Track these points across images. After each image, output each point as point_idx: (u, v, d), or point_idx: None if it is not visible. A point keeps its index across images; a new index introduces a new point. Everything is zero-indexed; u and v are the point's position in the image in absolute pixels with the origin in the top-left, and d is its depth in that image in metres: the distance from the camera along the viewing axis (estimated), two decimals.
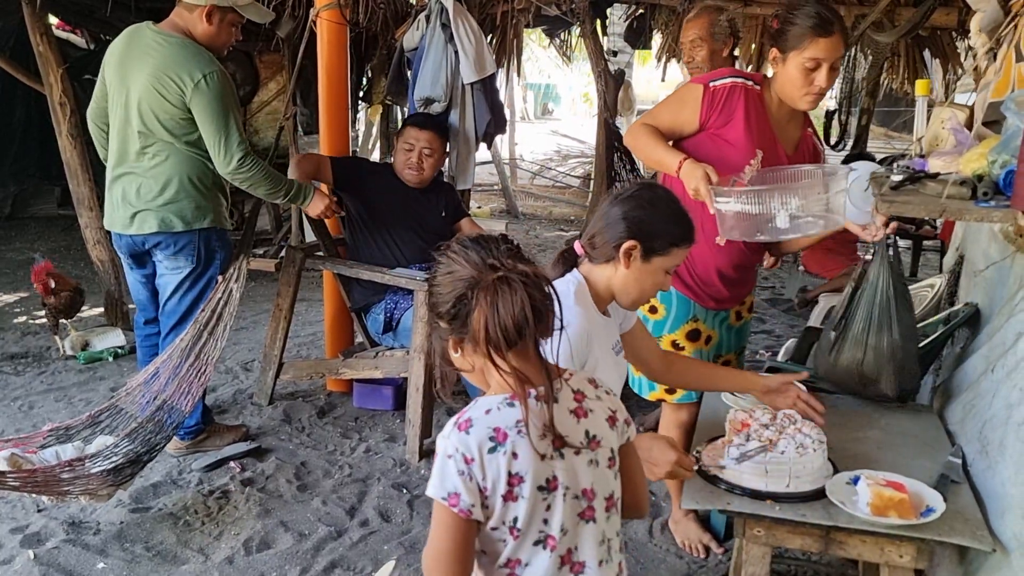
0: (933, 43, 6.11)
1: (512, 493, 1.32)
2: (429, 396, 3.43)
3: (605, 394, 1.46)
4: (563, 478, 1.35)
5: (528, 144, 16.29)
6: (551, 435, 1.33)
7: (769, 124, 2.41)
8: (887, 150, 11.89)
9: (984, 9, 2.30)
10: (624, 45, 8.77)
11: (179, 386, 2.83)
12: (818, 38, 2.24)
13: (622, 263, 1.82)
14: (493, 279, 1.31)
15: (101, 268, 5.04)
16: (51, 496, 2.55)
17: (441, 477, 1.32)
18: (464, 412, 1.36)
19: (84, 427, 2.84)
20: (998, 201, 1.64)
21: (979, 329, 2.40)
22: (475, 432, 1.32)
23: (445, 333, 1.40)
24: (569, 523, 1.36)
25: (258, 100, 7.90)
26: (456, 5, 3.83)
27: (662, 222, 1.83)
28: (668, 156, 2.29)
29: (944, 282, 3.28)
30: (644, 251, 1.81)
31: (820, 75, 2.27)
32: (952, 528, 1.66)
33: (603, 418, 1.42)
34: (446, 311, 1.36)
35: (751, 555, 1.82)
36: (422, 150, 3.69)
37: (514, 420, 1.32)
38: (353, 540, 2.84)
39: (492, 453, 1.31)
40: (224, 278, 3.07)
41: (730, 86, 2.37)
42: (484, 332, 1.31)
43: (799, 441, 1.85)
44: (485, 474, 1.30)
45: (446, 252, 1.41)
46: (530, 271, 1.34)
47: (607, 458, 1.41)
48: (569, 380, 1.42)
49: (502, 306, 1.30)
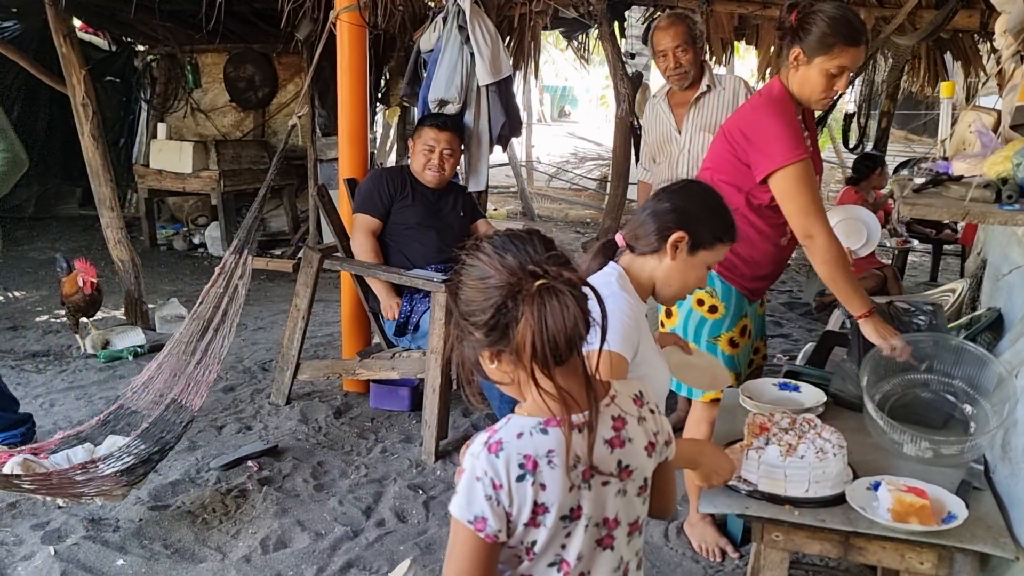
0: (955, 46, 6.05)
1: (535, 520, 1.27)
2: (445, 397, 3.43)
3: (650, 413, 1.38)
4: (587, 508, 1.30)
5: (545, 146, 16.29)
6: (584, 465, 1.27)
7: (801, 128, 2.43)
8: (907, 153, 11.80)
9: (1010, 11, 2.27)
10: (642, 47, 8.75)
11: (187, 384, 2.85)
12: (848, 47, 2.26)
13: (668, 254, 1.83)
14: (537, 288, 1.21)
15: (122, 268, 5.09)
16: (66, 498, 2.58)
17: (468, 499, 1.26)
18: (496, 431, 1.28)
19: (94, 430, 2.87)
20: (1023, 204, 1.62)
21: (1002, 334, 2.38)
22: (504, 456, 1.25)
23: (480, 344, 1.28)
24: (586, 550, 1.32)
25: (276, 102, 7.96)
26: (473, 7, 3.83)
27: (709, 216, 1.85)
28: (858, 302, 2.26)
29: (966, 286, 3.25)
30: (691, 243, 1.82)
31: (842, 81, 2.30)
32: (974, 535, 1.64)
33: (641, 446, 1.35)
34: (483, 321, 1.25)
35: (769, 560, 1.81)
36: (443, 151, 3.70)
37: (546, 449, 1.25)
38: (369, 540, 2.84)
39: (520, 481, 1.25)
40: (224, 271, 3.08)
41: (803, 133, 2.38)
42: (531, 348, 1.20)
43: (819, 446, 1.83)
44: (512, 500, 1.25)
45: (474, 254, 1.29)
46: (576, 278, 1.24)
47: (638, 486, 1.36)
48: (612, 403, 1.34)
49: (551, 319, 1.19)
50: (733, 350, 2.65)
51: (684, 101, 3.60)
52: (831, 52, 2.27)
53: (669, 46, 3.50)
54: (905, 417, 1.98)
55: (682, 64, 3.51)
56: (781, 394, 2.32)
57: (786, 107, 2.38)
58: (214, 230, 7.49)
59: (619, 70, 5.59)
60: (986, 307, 2.66)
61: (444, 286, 3.31)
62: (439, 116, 3.85)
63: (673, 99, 3.65)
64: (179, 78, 8.16)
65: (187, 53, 7.97)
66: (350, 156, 4.00)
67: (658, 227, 1.83)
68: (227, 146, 7.47)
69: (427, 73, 4.02)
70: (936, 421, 2.04)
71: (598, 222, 8.92)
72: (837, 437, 1.86)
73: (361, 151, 4.01)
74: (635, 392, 1.39)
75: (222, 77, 7.94)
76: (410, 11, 5.04)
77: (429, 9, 4.83)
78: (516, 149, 10.82)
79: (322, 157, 6.94)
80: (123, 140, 8.52)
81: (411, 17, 5.11)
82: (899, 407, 2.04)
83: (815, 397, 2.27)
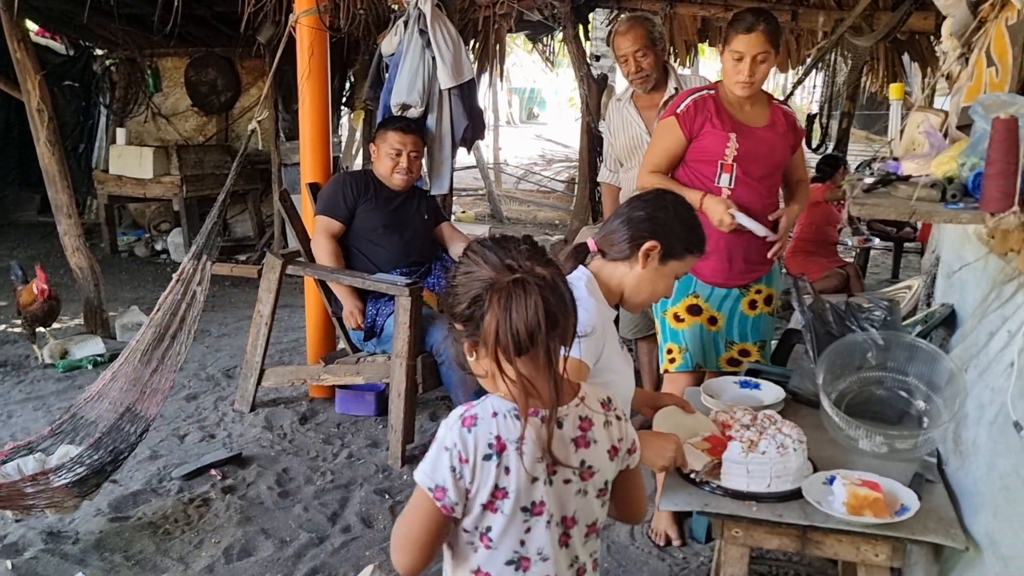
0: (912, 47, 6.17)
1: (493, 504, 1.31)
2: (411, 401, 3.42)
3: (616, 419, 1.42)
4: (550, 504, 1.33)
5: (513, 148, 16.31)
6: (548, 459, 1.31)
7: (730, 113, 2.74)
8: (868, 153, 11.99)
9: (954, 14, 2.32)
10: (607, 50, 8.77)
11: (143, 393, 2.81)
12: (740, 35, 2.61)
13: (640, 262, 1.87)
14: (508, 281, 1.27)
15: (81, 275, 5.00)
16: (16, 511, 2.53)
17: (433, 466, 1.31)
18: (473, 406, 1.33)
19: (45, 440, 2.81)
20: (966, 203, 1.65)
21: (954, 329, 2.43)
22: (476, 432, 1.30)
23: (461, 335, 1.34)
24: (549, 549, 1.35)
25: (240, 106, 7.89)
26: (434, 10, 3.83)
27: (682, 227, 1.92)
28: (689, 194, 2.56)
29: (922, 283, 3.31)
30: (663, 253, 1.87)
31: (744, 66, 2.62)
32: (926, 527, 1.67)
33: (604, 449, 1.39)
34: (460, 312, 1.32)
35: (729, 556, 1.83)
36: (410, 153, 3.69)
37: (516, 436, 1.30)
38: (335, 546, 2.83)
39: (486, 460, 1.29)
40: (182, 278, 3.05)
41: (692, 103, 2.74)
42: (494, 335, 1.26)
43: (780, 441, 1.85)
44: (474, 477, 1.29)
45: (467, 252, 1.36)
46: (548, 275, 1.30)
47: (598, 488, 1.39)
48: (580, 404, 1.38)
49: (515, 309, 1.25)
50: (678, 324, 2.83)
51: (652, 104, 3.60)
52: (729, 40, 2.65)
53: (629, 50, 3.52)
54: (861, 413, 2.02)
55: (643, 67, 3.53)
56: (742, 392, 2.35)
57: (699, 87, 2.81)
58: (177, 236, 7.40)
59: (584, 73, 5.62)
60: (940, 303, 2.71)
61: (408, 290, 3.30)
62: (402, 119, 3.84)
63: (640, 102, 3.66)
64: (139, 82, 8.05)
65: (147, 57, 7.87)
66: (313, 160, 3.97)
67: (631, 235, 1.88)
68: (189, 151, 7.38)
69: (388, 77, 4.01)
70: (891, 417, 2.07)
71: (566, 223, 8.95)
72: (797, 432, 1.89)
73: (324, 155, 3.99)
74: (604, 397, 1.43)
75: (183, 81, 7.85)
76: (373, 14, 5.02)
77: (392, 12, 4.82)
78: (484, 151, 10.83)
79: (286, 161, 6.89)
80: (83, 145, 8.38)
81: (375, 20, 5.09)
82: (855, 404, 2.07)
83: (775, 394, 2.31)
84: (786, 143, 2.80)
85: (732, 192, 2.71)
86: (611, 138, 3.83)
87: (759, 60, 2.62)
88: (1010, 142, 1.51)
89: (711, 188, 2.72)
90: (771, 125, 2.77)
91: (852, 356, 2.12)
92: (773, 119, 2.79)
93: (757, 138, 2.73)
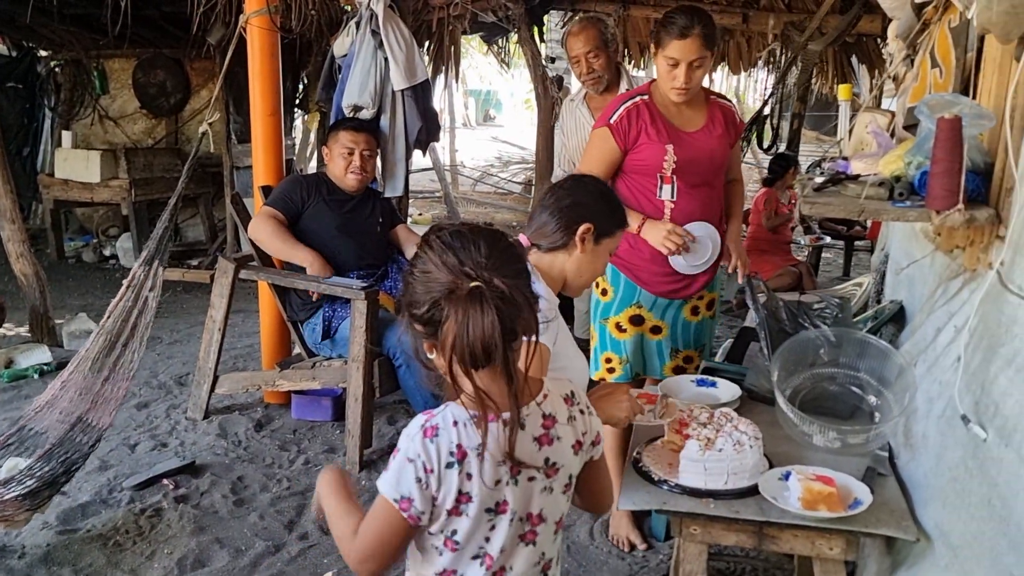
0: (860, 49, 6.30)
1: (458, 509, 1.31)
2: (368, 406, 3.39)
3: (580, 413, 1.43)
4: (512, 503, 1.34)
5: (469, 150, 16.29)
6: (510, 462, 1.31)
7: (667, 120, 2.65)
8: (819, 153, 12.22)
9: (899, 17, 2.38)
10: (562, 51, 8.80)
11: (94, 402, 2.74)
12: (674, 40, 2.50)
13: (578, 247, 1.91)
14: (467, 291, 1.24)
15: (25, 282, 4.86)
16: None
17: (398, 478, 1.30)
18: (434, 415, 1.32)
19: None
20: (913, 201, 1.69)
21: (904, 325, 2.48)
22: (438, 443, 1.29)
23: (419, 335, 1.33)
24: (508, 544, 1.36)
25: (190, 108, 7.74)
26: (387, 11, 3.79)
27: (607, 205, 1.97)
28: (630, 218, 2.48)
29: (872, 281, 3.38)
30: (596, 234, 1.91)
31: (680, 72, 2.52)
32: (879, 519, 1.70)
33: (569, 444, 1.39)
34: (420, 314, 1.30)
35: (688, 553, 1.84)
36: (362, 152, 3.64)
37: (476, 443, 1.29)
38: (292, 554, 2.78)
39: (449, 468, 1.29)
40: (133, 284, 2.98)
41: (625, 112, 2.64)
42: (451, 348, 1.25)
43: (736, 438, 1.87)
44: (440, 485, 1.29)
45: (424, 246, 1.33)
46: (507, 287, 1.26)
47: (563, 484, 1.40)
48: (543, 402, 1.38)
49: (472, 325, 1.22)
50: (620, 334, 2.79)
51: (604, 105, 3.53)
52: (662, 45, 2.53)
53: (581, 51, 3.51)
54: (815, 409, 2.05)
55: (595, 69, 3.53)
56: (699, 390, 2.36)
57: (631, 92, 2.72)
58: (126, 241, 7.23)
59: (539, 74, 5.62)
60: (889, 300, 2.77)
61: (364, 294, 3.27)
62: (353, 119, 3.79)
63: (593, 103, 3.65)
64: (85, 84, 7.85)
65: (93, 58, 7.68)
66: (265, 163, 3.91)
67: (564, 223, 1.91)
68: (138, 154, 7.22)
69: (340, 78, 3.96)
70: (843, 412, 2.10)
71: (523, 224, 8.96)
72: (753, 429, 1.91)
73: (276, 157, 3.93)
74: (566, 392, 1.43)
75: (131, 83, 7.67)
76: (326, 15, 4.96)
77: (345, 13, 4.77)
78: (440, 153, 10.79)
79: (238, 164, 6.78)
80: (27, 149, 8.14)
81: (327, 21, 5.03)
82: (809, 400, 2.10)
83: (731, 392, 2.33)
84: (725, 144, 2.72)
85: (675, 204, 2.65)
86: (564, 139, 3.81)
87: (695, 66, 2.52)
88: (954, 141, 1.55)
89: (653, 201, 2.65)
90: (708, 127, 2.69)
91: (805, 353, 2.15)
92: (711, 119, 2.70)
93: (695, 146, 2.65)
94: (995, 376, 1.46)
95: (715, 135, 2.69)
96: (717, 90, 3.36)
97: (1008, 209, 1.56)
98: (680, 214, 2.65)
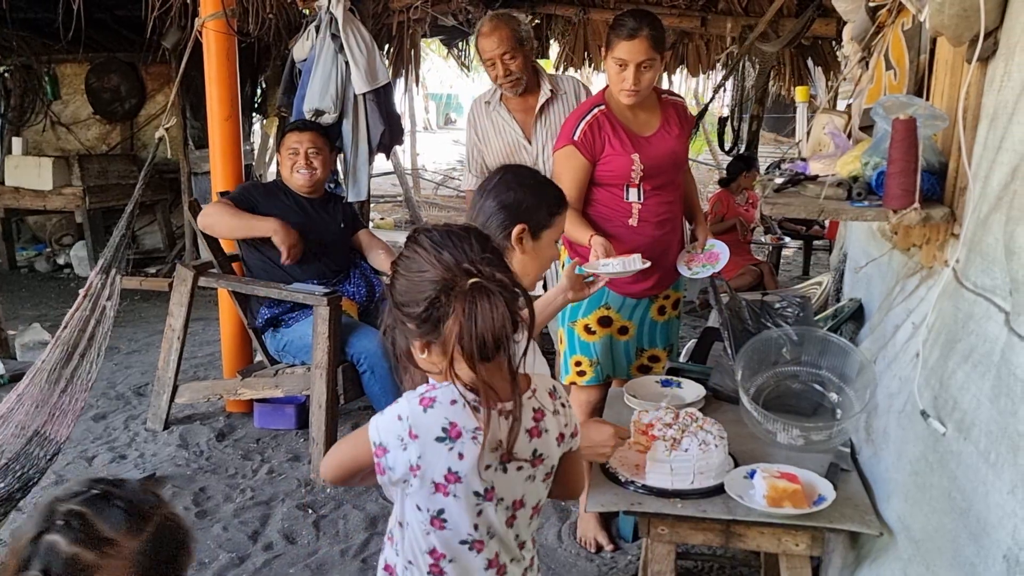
0: (815, 52, 6.42)
1: (445, 488, 1.32)
2: (333, 412, 3.35)
3: (562, 407, 1.46)
4: (499, 489, 1.36)
5: (431, 154, 16.24)
6: (503, 450, 1.33)
7: (627, 128, 2.66)
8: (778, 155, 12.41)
9: (854, 19, 2.42)
10: None
11: (51, 415, 2.67)
12: (623, 41, 2.50)
13: (516, 249, 1.86)
14: (469, 286, 1.25)
15: None
16: None
17: (386, 427, 1.33)
18: (434, 387, 1.33)
19: None
20: (871, 201, 1.72)
21: (863, 323, 2.52)
22: (431, 415, 1.31)
23: (412, 334, 1.32)
24: (499, 529, 1.39)
25: (145, 113, 7.60)
26: (347, 15, 3.76)
27: (537, 196, 1.91)
28: (579, 232, 2.58)
29: (831, 279, 3.43)
30: (533, 230, 1.87)
31: (628, 74, 2.53)
32: (843, 515, 1.73)
33: (554, 437, 1.42)
34: (416, 314, 1.29)
35: (656, 553, 1.85)
36: (307, 151, 3.53)
37: (473, 426, 1.31)
38: (256, 565, 2.74)
39: (439, 442, 1.30)
40: (90, 293, 2.91)
41: (587, 127, 2.63)
42: (458, 343, 1.25)
43: (701, 438, 1.88)
44: (422, 455, 1.30)
45: (412, 246, 1.33)
46: (507, 280, 1.29)
47: (545, 473, 1.43)
48: (533, 395, 1.41)
49: (481, 318, 1.23)
50: (589, 336, 2.78)
51: (526, 107, 3.37)
52: (611, 47, 2.54)
53: (495, 53, 3.24)
54: (778, 407, 2.07)
55: (512, 71, 3.26)
56: (664, 390, 2.38)
57: (587, 104, 2.71)
58: (80, 249, 7.08)
59: None
60: (848, 298, 2.82)
61: (327, 300, 3.23)
62: (298, 120, 3.74)
63: (511, 104, 3.41)
64: (36, 90, 7.66)
65: (44, 63, 7.49)
66: (224, 169, 3.86)
67: (495, 228, 1.86)
68: (92, 161, 7.06)
69: (301, 83, 3.92)
70: (806, 409, 2.13)
71: None
72: (718, 428, 1.93)
73: (234, 163, 3.88)
74: (550, 387, 1.47)
75: (84, 88, 7.51)
76: (284, 19, 4.91)
77: (304, 17, 4.72)
78: (402, 157, 10.73)
79: (196, 170, 6.67)
80: None
81: (286, 25, 4.98)
82: (773, 398, 2.12)
83: (696, 392, 2.35)
84: (682, 141, 2.74)
85: (643, 205, 2.67)
86: (480, 144, 3.51)
87: (644, 67, 2.52)
88: (909, 142, 1.58)
89: (620, 205, 2.68)
90: (665, 127, 2.70)
91: (768, 352, 2.18)
92: (665, 119, 2.71)
93: (657, 149, 2.67)
94: (953, 371, 1.49)
95: (673, 135, 2.70)
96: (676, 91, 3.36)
97: (962, 207, 1.59)
98: (648, 213, 2.69)
